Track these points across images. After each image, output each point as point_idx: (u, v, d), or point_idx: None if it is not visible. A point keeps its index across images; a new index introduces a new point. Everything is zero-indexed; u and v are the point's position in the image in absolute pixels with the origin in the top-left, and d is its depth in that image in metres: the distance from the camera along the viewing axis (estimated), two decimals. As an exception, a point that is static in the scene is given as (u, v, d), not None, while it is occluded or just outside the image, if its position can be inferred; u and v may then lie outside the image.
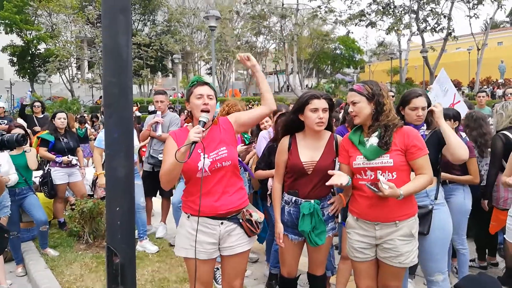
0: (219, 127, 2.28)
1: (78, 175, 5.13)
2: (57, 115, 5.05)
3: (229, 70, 34.94)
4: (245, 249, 2.27)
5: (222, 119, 2.34)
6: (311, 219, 2.38)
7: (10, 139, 2.11)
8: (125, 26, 1.25)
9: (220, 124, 2.29)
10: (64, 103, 23.92)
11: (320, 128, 2.42)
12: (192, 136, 1.97)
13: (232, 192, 2.22)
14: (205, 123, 2.10)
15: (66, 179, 5.01)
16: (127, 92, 1.28)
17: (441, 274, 2.50)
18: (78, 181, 5.11)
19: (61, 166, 4.96)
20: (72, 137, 5.18)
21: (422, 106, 2.53)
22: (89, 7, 29.61)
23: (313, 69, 45.98)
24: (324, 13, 25.46)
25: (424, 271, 2.63)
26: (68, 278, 3.65)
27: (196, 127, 2.03)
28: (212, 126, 2.27)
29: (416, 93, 2.59)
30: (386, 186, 2.03)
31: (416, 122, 2.56)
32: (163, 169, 2.14)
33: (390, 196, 2.05)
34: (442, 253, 2.52)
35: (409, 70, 31.74)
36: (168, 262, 4.01)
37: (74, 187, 5.12)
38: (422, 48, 24.31)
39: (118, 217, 1.29)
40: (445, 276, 2.52)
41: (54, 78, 33.03)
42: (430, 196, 2.51)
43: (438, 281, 2.50)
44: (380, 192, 2.04)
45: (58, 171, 4.95)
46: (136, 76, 28.96)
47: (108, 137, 1.27)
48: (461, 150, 2.37)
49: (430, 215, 2.47)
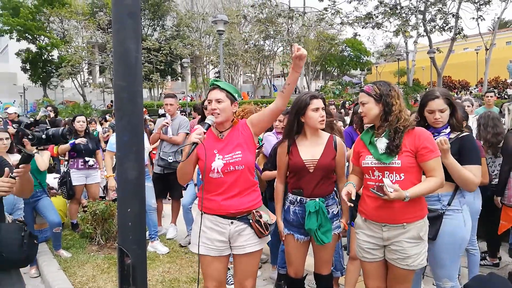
0: (239, 131, 2.32)
1: (95, 178, 5.22)
2: (76, 118, 5.23)
3: (237, 73, 35.01)
4: (256, 249, 2.30)
5: (241, 122, 2.36)
6: (317, 217, 2.41)
7: (55, 133, 2.11)
8: (134, 31, 1.27)
9: (240, 128, 2.33)
10: (76, 107, 24.22)
11: (322, 126, 2.52)
12: (193, 137, 2.06)
13: (245, 194, 2.26)
14: (210, 125, 2.18)
15: (84, 180, 5.10)
16: (137, 96, 1.30)
17: (449, 281, 2.43)
18: (94, 183, 5.20)
19: (78, 168, 5.06)
20: (92, 140, 5.26)
21: (439, 108, 2.41)
22: (100, 13, 30.07)
23: (320, 71, 45.81)
24: (331, 15, 25.38)
25: (433, 275, 2.59)
26: (80, 279, 3.71)
27: (199, 129, 2.10)
28: (232, 129, 2.32)
29: (433, 95, 2.46)
30: (391, 190, 2.02)
31: (435, 125, 2.45)
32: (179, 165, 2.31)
33: (395, 199, 2.04)
34: (452, 260, 2.42)
35: (416, 71, 31.41)
36: (178, 262, 4.05)
37: (90, 189, 5.22)
38: (429, 49, 24.04)
39: (129, 218, 1.30)
40: (453, 284, 2.43)
41: (66, 83, 33.50)
42: (443, 201, 2.41)
43: (446, 287, 2.44)
44: (385, 196, 2.02)
45: (76, 172, 5.05)
46: (146, 80, 29.22)
47: (119, 140, 1.30)
48: (466, 186, 2.34)
49: (440, 220, 2.38)
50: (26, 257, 2.12)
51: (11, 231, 2.08)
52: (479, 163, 2.42)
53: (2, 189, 1.92)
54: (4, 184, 1.92)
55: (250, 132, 2.32)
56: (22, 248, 2.06)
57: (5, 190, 1.93)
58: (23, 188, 2.16)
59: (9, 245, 2.03)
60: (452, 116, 2.44)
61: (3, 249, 2.01)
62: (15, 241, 2.05)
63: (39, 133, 2.07)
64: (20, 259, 2.09)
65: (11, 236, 2.06)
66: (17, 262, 2.11)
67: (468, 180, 2.30)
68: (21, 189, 2.15)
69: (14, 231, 2.09)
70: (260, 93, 38.11)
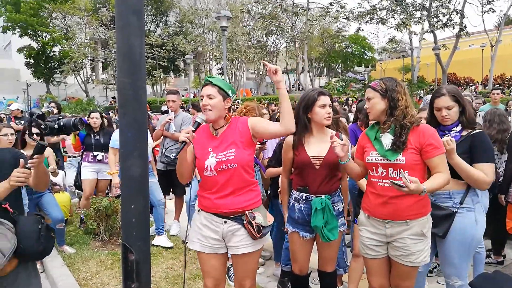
0: (236, 128, 2.26)
1: (106, 174, 5.23)
2: (91, 115, 5.31)
3: (240, 70, 34.97)
4: (249, 250, 2.23)
5: (242, 120, 2.30)
6: (323, 214, 2.40)
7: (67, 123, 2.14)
8: (138, 27, 1.27)
9: (238, 125, 2.27)
10: (79, 103, 24.31)
11: (329, 122, 2.53)
12: (181, 136, 2.05)
13: (239, 194, 2.21)
14: (199, 123, 2.17)
15: (95, 175, 5.12)
16: (141, 93, 1.30)
17: (458, 279, 2.41)
18: (104, 179, 5.22)
19: (89, 161, 5.09)
20: (106, 135, 5.25)
21: (446, 106, 2.37)
22: (103, 9, 30.04)
23: (324, 68, 45.69)
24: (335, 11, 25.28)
25: (443, 272, 2.57)
26: (84, 275, 3.73)
27: (187, 128, 2.11)
28: (228, 126, 2.27)
29: (438, 92, 2.43)
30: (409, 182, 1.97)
31: (443, 123, 2.41)
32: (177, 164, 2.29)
33: (414, 192, 1.98)
34: (462, 260, 2.38)
35: (421, 68, 31.28)
36: (182, 259, 4.06)
37: (99, 183, 5.24)
38: (434, 45, 23.91)
39: (133, 215, 1.30)
40: (462, 283, 2.41)
41: (69, 79, 33.61)
42: (454, 198, 2.38)
43: (455, 285, 2.43)
44: (405, 188, 1.96)
45: (87, 166, 5.08)
46: (149, 77, 29.24)
47: (122, 136, 1.30)
48: (477, 186, 2.31)
49: (452, 219, 2.35)
50: (44, 249, 2.15)
51: (29, 223, 2.12)
52: (492, 161, 2.35)
53: (19, 179, 1.96)
54: (20, 174, 1.96)
55: (248, 132, 2.25)
56: (39, 241, 2.11)
57: (21, 181, 1.97)
58: (39, 179, 2.18)
59: (27, 237, 2.07)
60: (462, 114, 2.39)
61: (22, 241, 2.05)
62: (33, 234, 2.09)
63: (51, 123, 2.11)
64: (38, 251, 2.13)
65: (29, 229, 2.10)
66: (34, 254, 2.15)
67: (478, 180, 2.25)
68: (37, 181, 2.17)
69: (32, 224, 2.13)
70: (263, 89, 38.07)
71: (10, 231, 2.02)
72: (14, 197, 2.10)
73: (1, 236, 1.97)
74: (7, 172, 2.03)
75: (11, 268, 2.06)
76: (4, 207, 2.05)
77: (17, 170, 1.97)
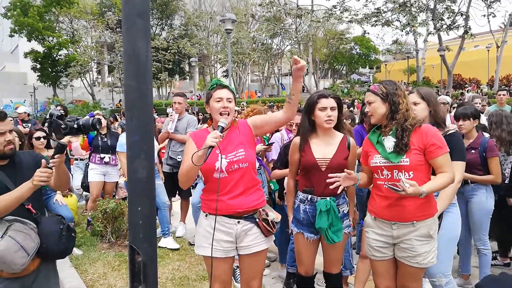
0: (238, 130, 2.32)
1: (113, 176, 5.28)
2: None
3: (245, 72, 35.04)
4: (262, 248, 2.30)
5: (241, 122, 2.38)
6: (328, 216, 2.40)
7: (86, 123, 2.18)
8: (144, 30, 1.28)
9: (239, 127, 2.33)
10: (85, 106, 24.49)
11: (329, 125, 2.49)
12: (209, 140, 2.02)
13: (249, 193, 2.26)
14: (223, 128, 2.14)
15: (102, 178, 5.16)
16: (147, 96, 1.31)
17: (443, 277, 2.44)
18: (111, 182, 5.26)
19: (95, 163, 5.13)
20: (113, 137, 5.30)
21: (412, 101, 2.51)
22: (109, 12, 30.30)
23: (329, 70, 45.60)
24: (340, 13, 25.26)
25: (427, 272, 2.48)
26: (91, 277, 3.75)
27: (214, 132, 2.07)
28: (231, 128, 2.31)
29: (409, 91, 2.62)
30: (407, 185, 1.99)
31: None
32: (182, 170, 2.23)
33: (412, 195, 2.00)
34: (445, 255, 2.44)
35: (426, 69, 31.10)
36: (188, 260, 4.08)
37: (106, 186, 5.28)
38: (439, 46, 23.79)
39: (140, 217, 1.31)
40: (448, 280, 2.45)
41: (75, 83, 33.83)
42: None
43: (442, 284, 2.45)
44: (402, 191, 1.98)
45: (94, 169, 5.12)
46: (154, 80, 29.39)
47: (129, 139, 1.31)
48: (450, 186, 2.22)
49: (441, 217, 2.39)
50: (65, 249, 2.21)
51: (51, 223, 2.18)
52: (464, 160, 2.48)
53: (42, 178, 1.99)
54: (43, 174, 2.00)
55: (250, 131, 2.32)
56: (61, 240, 2.16)
57: (44, 180, 2.01)
58: (60, 180, 2.23)
59: (50, 237, 2.13)
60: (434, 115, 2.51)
61: (44, 240, 2.11)
62: (55, 234, 2.15)
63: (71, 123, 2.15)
64: (60, 250, 2.18)
65: (51, 229, 2.15)
66: (56, 254, 2.21)
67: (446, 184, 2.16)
68: (59, 181, 2.22)
69: (54, 224, 2.18)
70: (268, 91, 38.08)
71: (34, 231, 2.08)
72: (35, 198, 2.15)
73: (25, 235, 2.03)
74: (28, 174, 2.07)
75: (34, 267, 2.12)
76: (27, 208, 2.10)
77: (40, 170, 2.00)
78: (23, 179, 2.06)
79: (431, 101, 2.53)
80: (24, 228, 2.04)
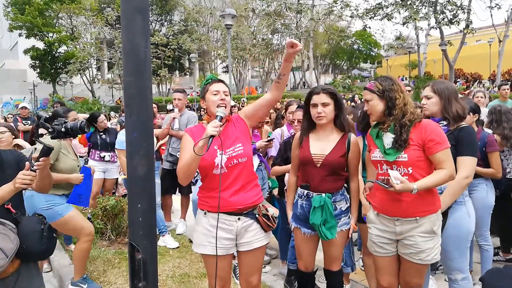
0: (233, 124, 2.31)
1: (113, 173, 5.28)
2: (98, 119, 5.40)
3: (245, 68, 34.95)
4: (263, 243, 2.30)
5: (235, 116, 2.37)
6: (322, 212, 2.39)
7: (74, 126, 2.16)
8: (143, 27, 1.27)
9: (233, 122, 2.33)
10: (85, 103, 24.46)
11: (319, 121, 2.47)
12: (209, 130, 1.99)
13: (248, 189, 2.25)
14: (222, 117, 2.11)
15: (102, 175, 5.16)
16: (146, 92, 1.30)
17: (460, 273, 2.45)
18: (111, 178, 5.28)
19: (95, 159, 5.14)
20: (111, 134, 5.31)
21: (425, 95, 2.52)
22: (108, 9, 30.16)
23: (330, 65, 45.49)
24: (340, 8, 25.13)
25: (444, 268, 2.60)
26: (91, 274, 3.75)
27: (214, 122, 2.05)
28: (227, 123, 2.30)
29: None
30: (397, 182, 2.00)
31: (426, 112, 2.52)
32: (180, 165, 2.18)
33: (402, 191, 2.02)
34: (459, 253, 2.43)
35: (428, 64, 30.99)
36: (188, 258, 4.08)
37: (105, 183, 5.31)
38: (440, 41, 23.68)
39: (140, 214, 1.31)
40: (465, 276, 2.45)
41: (75, 79, 33.77)
42: None
43: (458, 279, 2.45)
44: (391, 187, 2.00)
45: (94, 166, 5.10)
46: (154, 76, 29.32)
47: (129, 136, 1.30)
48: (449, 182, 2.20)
49: (446, 215, 2.37)
50: (45, 249, 2.16)
51: (31, 224, 2.12)
52: (475, 156, 2.39)
53: (24, 181, 1.94)
54: (26, 177, 1.95)
55: (245, 124, 2.32)
56: (42, 241, 2.11)
57: (27, 183, 1.96)
58: (43, 182, 2.19)
59: (30, 238, 2.07)
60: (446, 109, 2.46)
61: (24, 241, 2.05)
62: (36, 234, 2.09)
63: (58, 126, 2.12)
64: (40, 251, 2.13)
65: (31, 229, 2.10)
66: (36, 255, 2.15)
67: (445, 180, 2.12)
68: (41, 183, 2.18)
69: (34, 224, 2.13)
70: (268, 87, 38.00)
71: (13, 231, 2.02)
72: (16, 197, 2.08)
73: (4, 236, 1.97)
74: (10, 173, 2.02)
75: (13, 269, 2.05)
76: (7, 208, 2.05)
77: (23, 172, 1.95)
78: (5, 179, 2.01)
79: (443, 95, 2.48)
80: (2, 228, 1.98)
